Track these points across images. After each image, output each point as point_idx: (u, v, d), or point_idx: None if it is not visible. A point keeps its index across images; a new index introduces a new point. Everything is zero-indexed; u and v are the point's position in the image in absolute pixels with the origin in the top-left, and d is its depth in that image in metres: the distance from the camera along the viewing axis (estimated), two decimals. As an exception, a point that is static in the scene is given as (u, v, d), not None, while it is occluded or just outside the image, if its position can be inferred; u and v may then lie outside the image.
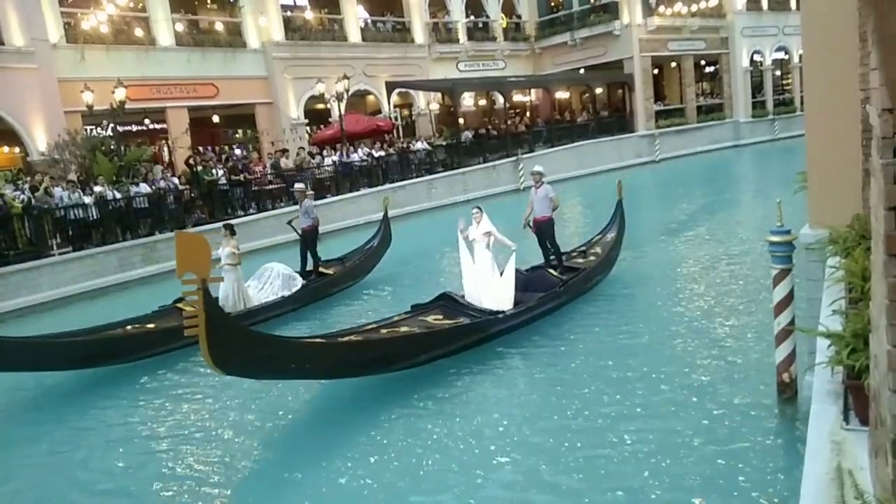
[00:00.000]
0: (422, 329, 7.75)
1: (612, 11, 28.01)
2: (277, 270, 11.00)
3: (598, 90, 30.06)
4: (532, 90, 30.60)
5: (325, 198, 17.99)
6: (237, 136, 25.38)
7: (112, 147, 16.61)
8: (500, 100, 28.51)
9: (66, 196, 13.85)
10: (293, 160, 19.35)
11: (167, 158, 21.89)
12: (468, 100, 29.45)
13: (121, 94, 16.20)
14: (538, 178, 10.06)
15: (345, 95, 20.39)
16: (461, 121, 26.11)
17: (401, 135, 25.66)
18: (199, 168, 17.09)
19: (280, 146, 20.90)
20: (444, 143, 23.37)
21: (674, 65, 31.16)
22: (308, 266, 11.68)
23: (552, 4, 31.45)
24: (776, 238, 5.60)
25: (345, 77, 20.61)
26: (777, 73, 33.20)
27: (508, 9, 30.17)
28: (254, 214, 16.92)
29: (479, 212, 8.74)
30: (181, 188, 16.16)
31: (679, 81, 31.23)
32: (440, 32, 27.64)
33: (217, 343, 5.47)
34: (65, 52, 18.16)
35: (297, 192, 12.15)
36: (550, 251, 10.17)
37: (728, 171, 26.62)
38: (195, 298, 5.21)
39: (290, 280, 10.89)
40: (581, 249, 11.08)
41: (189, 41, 21.01)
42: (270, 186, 17.91)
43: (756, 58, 31.44)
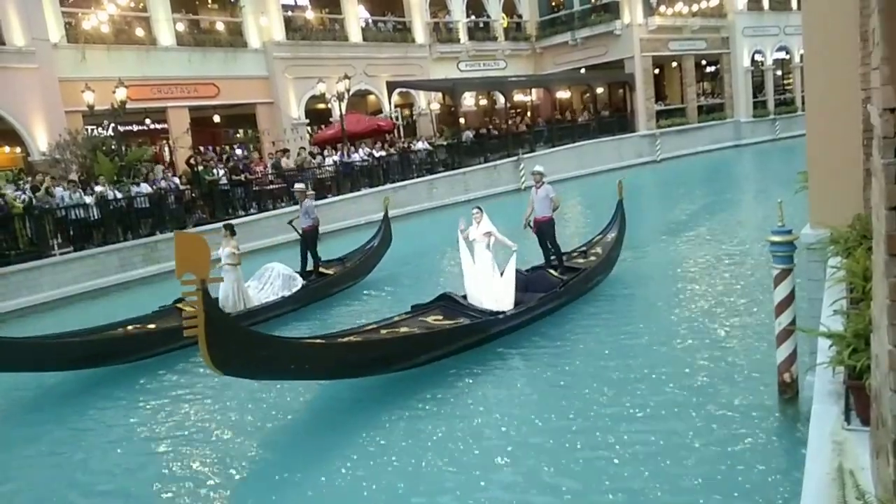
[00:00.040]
0: (422, 329, 7.75)
1: (613, 11, 28.00)
2: (278, 270, 11.00)
3: (599, 90, 30.10)
4: (533, 90, 30.55)
5: (326, 198, 18.00)
6: (238, 136, 25.34)
7: (113, 147, 16.61)
8: (501, 100, 28.43)
9: (67, 196, 13.85)
10: (294, 160, 19.35)
11: (168, 158, 21.87)
12: (469, 99, 29.46)
13: (122, 94, 16.23)
14: (539, 178, 10.06)
15: (346, 95, 20.38)
16: (462, 121, 26.10)
17: (402, 135, 25.62)
18: (200, 168, 17.10)
19: (281, 146, 20.90)
20: (445, 143, 23.34)
21: (675, 64, 31.13)
22: (308, 266, 11.68)
23: (553, 4, 31.44)
24: (777, 238, 5.60)
25: (346, 77, 20.60)
26: (778, 73, 33.16)
27: (509, 8, 30.15)
28: (254, 214, 16.92)
29: (480, 212, 8.74)
30: (182, 188, 16.16)
31: (680, 81, 31.21)
32: (441, 32, 27.63)
33: (216, 343, 5.47)
34: (66, 52, 18.16)
35: (298, 193, 12.14)
36: (551, 251, 10.16)
37: (729, 171, 26.60)
38: (194, 299, 5.21)
39: (291, 280, 10.89)
40: (581, 249, 11.07)
41: (190, 41, 21.02)
42: (271, 186, 17.91)
43: (757, 57, 31.41)
